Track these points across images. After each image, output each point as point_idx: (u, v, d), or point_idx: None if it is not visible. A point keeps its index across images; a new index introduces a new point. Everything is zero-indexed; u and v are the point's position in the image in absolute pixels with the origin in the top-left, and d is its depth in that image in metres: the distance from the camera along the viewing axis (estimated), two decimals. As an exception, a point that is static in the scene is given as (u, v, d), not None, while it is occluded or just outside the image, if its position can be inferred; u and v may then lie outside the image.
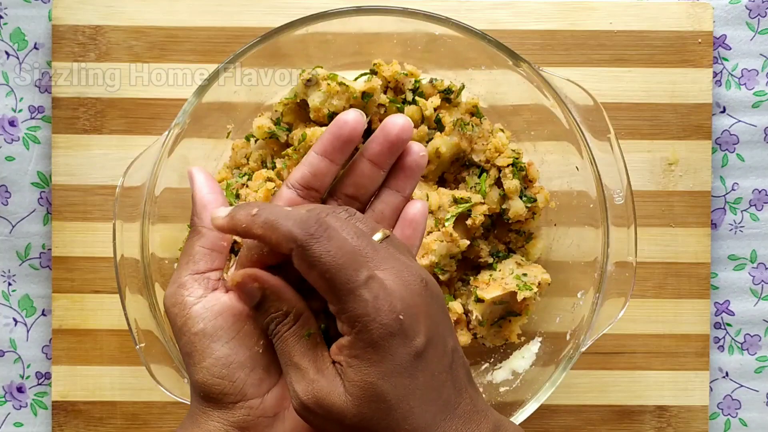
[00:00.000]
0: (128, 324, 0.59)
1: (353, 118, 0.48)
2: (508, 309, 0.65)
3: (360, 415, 0.42)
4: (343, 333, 0.42)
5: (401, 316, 0.42)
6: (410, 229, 0.50)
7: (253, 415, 0.45)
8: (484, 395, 0.62)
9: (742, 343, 0.73)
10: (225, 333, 0.45)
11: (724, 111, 0.72)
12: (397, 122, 0.48)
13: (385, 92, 0.65)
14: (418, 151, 0.49)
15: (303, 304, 0.45)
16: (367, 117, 0.63)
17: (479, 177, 0.65)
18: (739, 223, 0.73)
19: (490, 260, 0.66)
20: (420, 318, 0.43)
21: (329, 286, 0.41)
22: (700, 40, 0.71)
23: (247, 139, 0.67)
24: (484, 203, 0.64)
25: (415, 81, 0.65)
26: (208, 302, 0.45)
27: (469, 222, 0.63)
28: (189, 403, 0.59)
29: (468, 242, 0.64)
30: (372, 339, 0.41)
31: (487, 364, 0.67)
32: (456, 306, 0.64)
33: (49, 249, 0.71)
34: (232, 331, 0.45)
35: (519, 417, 0.61)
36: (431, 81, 0.66)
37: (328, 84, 0.62)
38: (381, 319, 0.41)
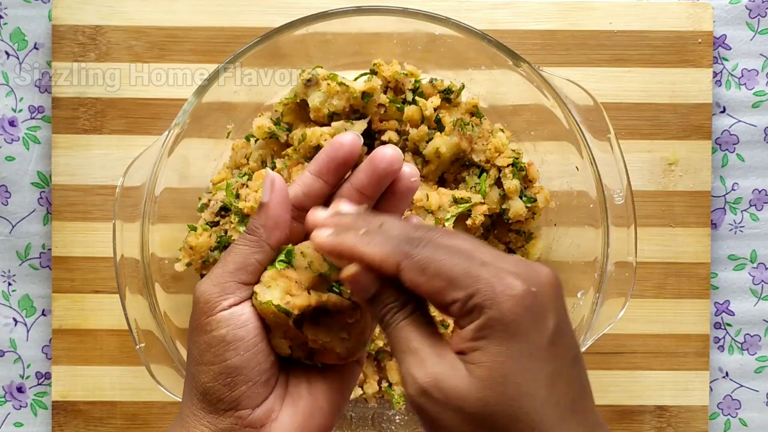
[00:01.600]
0: (128, 324, 0.60)
1: (350, 141, 0.47)
2: (508, 309, 0.65)
3: (483, 400, 0.40)
4: (471, 322, 0.40)
5: (533, 289, 0.40)
6: None
7: (240, 425, 0.45)
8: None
9: (742, 343, 0.73)
10: (242, 345, 0.45)
11: (724, 111, 0.72)
12: (385, 155, 0.47)
13: (385, 92, 0.65)
14: (410, 176, 0.48)
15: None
16: (367, 117, 0.64)
17: (479, 177, 0.65)
18: (739, 223, 0.73)
19: (490, 260, 0.66)
20: (549, 299, 0.41)
21: (447, 279, 0.40)
22: (700, 40, 0.71)
23: (247, 139, 0.67)
24: (484, 203, 0.64)
25: (415, 81, 0.65)
26: (237, 311, 0.45)
27: (469, 222, 0.63)
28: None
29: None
30: (503, 314, 0.39)
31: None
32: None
33: (49, 249, 0.71)
34: (249, 345, 0.45)
35: (519, 417, 0.61)
36: (431, 81, 0.66)
37: (328, 84, 0.62)
38: (512, 291, 0.40)
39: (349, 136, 0.47)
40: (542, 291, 0.40)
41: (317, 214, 0.46)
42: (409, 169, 0.48)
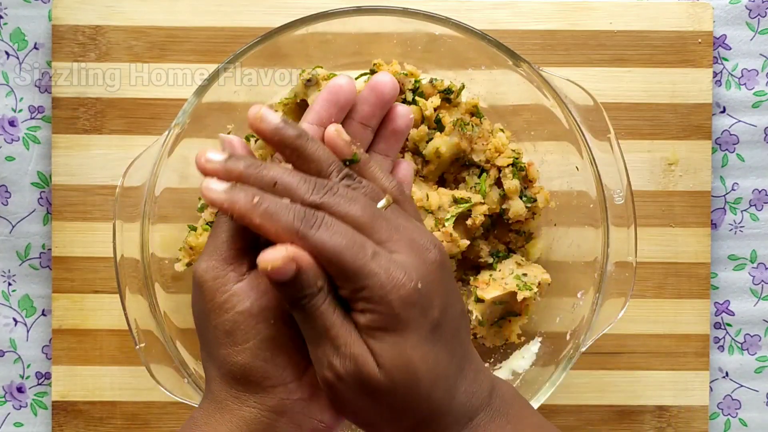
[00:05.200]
0: (128, 324, 0.60)
1: (347, 83, 0.47)
2: (508, 309, 0.65)
3: (392, 385, 0.42)
4: (363, 313, 0.42)
5: (419, 285, 0.42)
6: (404, 189, 0.50)
7: (291, 398, 0.44)
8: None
9: (742, 343, 0.73)
10: (271, 313, 0.43)
11: (724, 111, 0.72)
12: (386, 81, 0.48)
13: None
14: (405, 114, 0.49)
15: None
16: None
17: (479, 177, 0.65)
18: (739, 223, 0.73)
19: (490, 260, 0.66)
20: (434, 286, 0.43)
21: (339, 269, 0.41)
22: (700, 40, 0.71)
23: (247, 139, 0.67)
24: (484, 203, 0.64)
25: (415, 81, 0.65)
26: (254, 280, 0.44)
27: (469, 222, 0.63)
28: (188, 403, 0.59)
29: (468, 242, 0.63)
30: (393, 311, 0.41)
31: (487, 364, 0.67)
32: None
33: (49, 249, 0.71)
34: (277, 311, 0.43)
35: (519, 417, 0.61)
36: (431, 81, 0.66)
37: (328, 84, 0.62)
38: (399, 291, 0.41)
39: (344, 78, 0.48)
40: (427, 282, 0.42)
41: (209, 156, 0.44)
42: (403, 108, 0.49)
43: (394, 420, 0.44)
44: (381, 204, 0.45)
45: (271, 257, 0.40)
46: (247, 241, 0.45)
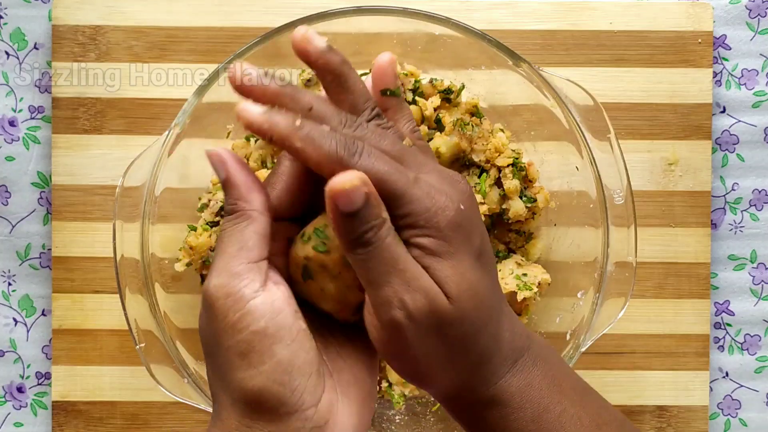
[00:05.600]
0: (128, 324, 0.59)
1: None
2: (508, 309, 0.65)
3: (460, 315, 0.41)
4: (415, 240, 0.41)
5: (462, 206, 0.41)
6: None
7: (306, 427, 0.40)
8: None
9: (742, 343, 0.73)
10: (287, 333, 0.40)
11: (724, 111, 0.72)
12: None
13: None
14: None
15: None
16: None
17: (479, 177, 0.65)
18: (739, 223, 0.73)
19: (490, 260, 0.66)
20: (472, 212, 0.42)
21: (385, 196, 0.40)
22: (700, 40, 0.71)
23: (247, 139, 0.67)
24: (484, 203, 0.64)
25: (415, 81, 0.65)
26: (268, 297, 0.41)
27: (469, 222, 0.63)
28: (189, 403, 0.59)
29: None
30: (442, 232, 0.40)
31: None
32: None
33: (49, 249, 0.71)
34: (292, 331, 0.41)
35: (519, 417, 0.61)
36: (431, 81, 0.66)
37: (328, 84, 0.62)
38: (445, 212, 0.40)
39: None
40: (466, 207, 0.42)
41: (246, 69, 0.42)
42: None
43: (454, 360, 0.42)
44: (404, 142, 0.44)
45: (347, 178, 0.38)
46: (259, 253, 0.42)
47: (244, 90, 0.42)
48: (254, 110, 0.40)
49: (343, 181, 0.38)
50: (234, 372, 0.40)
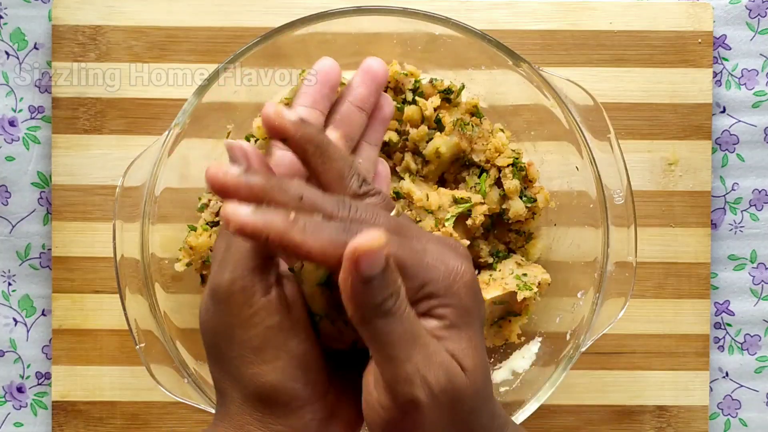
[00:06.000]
0: (128, 324, 0.59)
1: (332, 63, 0.45)
2: (508, 309, 0.65)
3: (474, 391, 0.39)
4: (433, 313, 0.39)
5: (472, 268, 0.40)
6: (386, 187, 0.49)
7: (316, 419, 0.40)
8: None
9: (742, 343, 0.73)
10: (301, 328, 0.40)
11: (724, 111, 0.72)
12: (377, 65, 0.46)
13: (384, 92, 0.65)
14: (390, 102, 0.48)
15: None
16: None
17: (479, 177, 0.65)
18: (739, 223, 0.73)
19: (490, 260, 0.66)
20: (473, 273, 0.41)
21: (399, 270, 0.38)
22: (700, 40, 0.71)
23: (247, 139, 0.67)
24: (484, 203, 0.64)
25: (415, 81, 0.65)
26: (282, 292, 0.40)
27: (469, 222, 0.63)
28: (189, 403, 0.59)
29: (468, 242, 0.63)
30: (462, 301, 0.39)
31: (487, 364, 0.67)
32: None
33: (49, 249, 0.71)
34: (306, 327, 0.40)
35: (519, 417, 0.61)
36: (431, 81, 0.66)
37: (328, 84, 0.62)
38: (463, 278, 0.39)
39: (328, 60, 0.45)
40: (471, 271, 0.40)
41: (227, 171, 0.38)
42: (388, 96, 0.48)
43: None
44: (392, 214, 0.43)
45: (373, 236, 0.35)
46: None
47: (228, 191, 0.39)
48: (243, 212, 0.37)
49: (368, 240, 0.35)
50: (248, 367, 0.40)
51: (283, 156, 0.44)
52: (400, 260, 0.38)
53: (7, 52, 0.72)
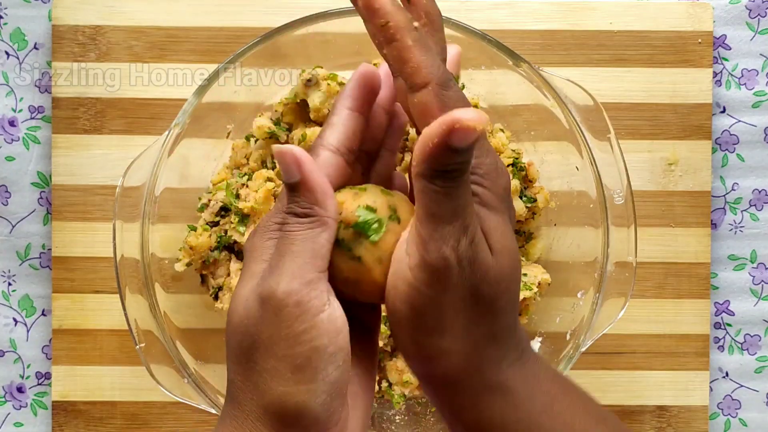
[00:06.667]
0: (128, 324, 0.59)
1: (373, 69, 0.44)
2: (508, 309, 0.65)
3: (499, 269, 0.40)
4: (476, 188, 0.41)
5: (509, 174, 0.42)
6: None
7: None
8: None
9: (742, 343, 0.73)
10: (342, 355, 0.39)
11: (724, 111, 0.72)
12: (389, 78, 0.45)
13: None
14: (403, 111, 0.47)
15: None
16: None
17: (479, 177, 0.64)
18: (739, 223, 0.73)
19: (490, 260, 0.66)
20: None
21: None
22: (700, 40, 0.71)
23: (247, 139, 0.67)
24: (484, 203, 0.64)
25: (415, 81, 0.65)
26: (333, 314, 0.39)
27: (469, 222, 0.63)
28: (189, 403, 0.59)
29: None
30: (498, 190, 0.41)
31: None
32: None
33: (49, 249, 0.71)
34: (346, 353, 0.39)
35: (519, 417, 0.61)
36: (431, 81, 0.65)
37: (328, 84, 0.62)
38: (505, 176, 0.41)
39: (369, 66, 0.44)
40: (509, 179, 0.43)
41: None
42: (400, 107, 0.47)
43: (478, 325, 0.40)
44: None
45: (476, 116, 0.36)
46: (326, 259, 0.40)
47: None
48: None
49: (473, 117, 0.36)
50: (280, 383, 0.39)
51: (331, 157, 0.43)
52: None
53: (7, 52, 0.72)
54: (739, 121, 0.72)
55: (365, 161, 0.46)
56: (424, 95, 0.40)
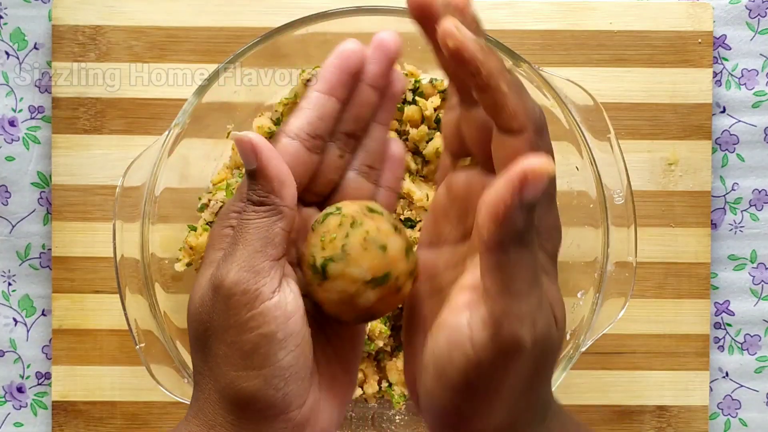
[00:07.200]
0: (128, 324, 0.59)
1: (355, 47, 0.42)
2: (508, 309, 0.65)
3: (560, 341, 0.38)
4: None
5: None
6: (400, 170, 0.46)
7: (289, 427, 0.40)
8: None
9: (742, 343, 0.73)
10: (293, 340, 0.39)
11: (724, 111, 0.72)
12: (390, 38, 0.43)
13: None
14: (402, 77, 0.44)
15: None
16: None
17: (479, 177, 0.64)
18: (739, 223, 0.73)
19: (490, 260, 0.66)
20: None
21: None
22: (700, 40, 0.71)
23: (247, 139, 0.67)
24: (484, 203, 0.64)
25: (415, 81, 0.65)
26: (283, 300, 0.39)
27: (469, 222, 0.63)
28: (189, 402, 0.59)
29: (468, 242, 0.63)
30: (554, 255, 0.38)
31: (487, 364, 0.67)
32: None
33: (49, 249, 0.71)
34: (298, 338, 0.39)
35: (519, 417, 0.61)
36: (431, 81, 0.66)
37: (328, 84, 0.62)
38: (560, 236, 0.39)
39: (352, 42, 0.42)
40: None
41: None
42: (399, 71, 0.45)
43: (525, 395, 0.38)
44: None
45: (547, 161, 0.33)
46: (282, 250, 0.40)
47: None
48: (468, 34, 0.35)
49: (543, 161, 0.33)
50: (231, 369, 0.39)
51: (289, 144, 0.42)
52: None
53: (7, 52, 0.72)
54: (739, 121, 0.72)
55: (350, 143, 0.44)
56: (519, 142, 0.37)
